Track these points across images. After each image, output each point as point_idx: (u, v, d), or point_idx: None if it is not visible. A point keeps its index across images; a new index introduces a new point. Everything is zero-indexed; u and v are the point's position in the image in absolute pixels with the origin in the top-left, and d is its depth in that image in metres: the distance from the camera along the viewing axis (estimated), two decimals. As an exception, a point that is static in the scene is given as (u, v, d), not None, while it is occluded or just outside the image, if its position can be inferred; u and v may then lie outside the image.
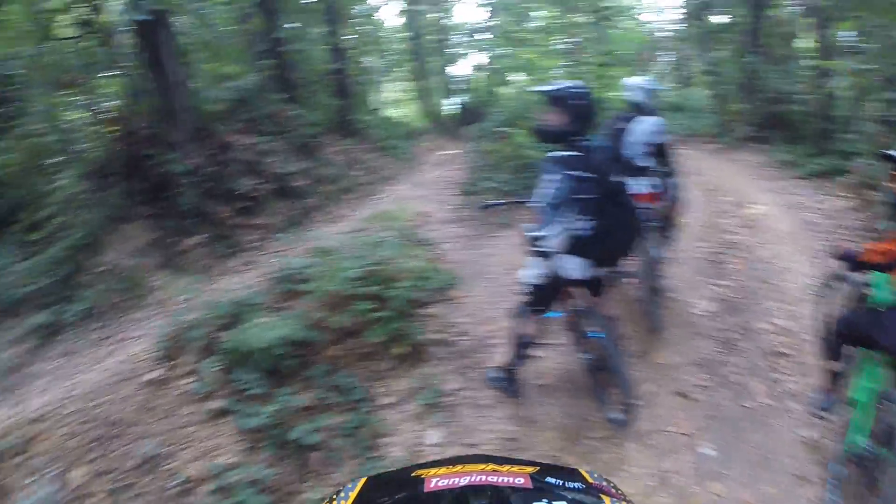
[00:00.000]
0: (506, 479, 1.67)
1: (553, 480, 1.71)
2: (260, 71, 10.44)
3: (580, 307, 4.03)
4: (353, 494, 1.77)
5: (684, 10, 17.14)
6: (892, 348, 2.98)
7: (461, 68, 21.86)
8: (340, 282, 4.86)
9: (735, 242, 7.01)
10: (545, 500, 1.52)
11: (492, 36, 19.81)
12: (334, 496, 1.83)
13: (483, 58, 20.11)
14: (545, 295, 3.88)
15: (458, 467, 1.83)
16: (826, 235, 6.88)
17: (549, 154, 3.53)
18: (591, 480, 1.77)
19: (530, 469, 1.76)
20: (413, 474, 1.81)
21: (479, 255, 6.78)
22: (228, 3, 11.09)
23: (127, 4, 7.20)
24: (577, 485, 1.69)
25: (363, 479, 1.87)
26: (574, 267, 3.60)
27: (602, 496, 1.64)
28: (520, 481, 1.65)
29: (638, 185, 4.72)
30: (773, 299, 5.60)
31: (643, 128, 4.84)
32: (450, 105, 21.40)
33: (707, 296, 5.69)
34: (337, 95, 13.33)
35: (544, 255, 3.55)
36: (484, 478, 1.69)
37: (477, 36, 20.51)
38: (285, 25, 11.74)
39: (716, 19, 15.20)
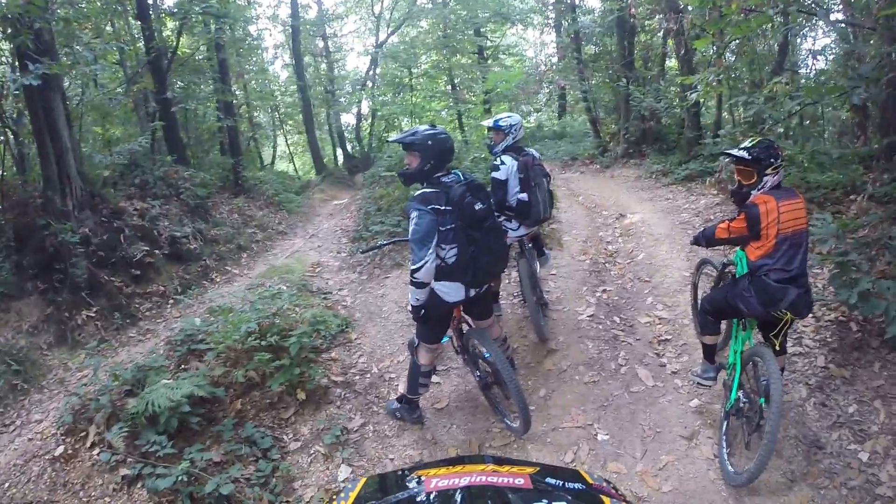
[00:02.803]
0: (506, 480, 1.73)
1: (553, 481, 1.77)
2: (150, 132, 10.34)
3: (467, 329, 4.31)
4: (353, 495, 1.83)
5: (561, 44, 18.27)
6: (752, 312, 3.59)
7: (350, 117, 22.22)
8: (239, 337, 4.93)
9: (615, 251, 7.52)
10: (545, 501, 1.57)
11: (377, 84, 20.29)
12: (334, 496, 1.93)
13: (371, 105, 20.52)
14: (434, 322, 4.06)
15: (458, 468, 1.90)
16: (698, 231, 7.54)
17: (414, 193, 3.78)
18: (591, 481, 1.84)
19: (530, 469, 1.83)
20: (413, 474, 1.88)
21: (372, 297, 6.96)
22: (118, 63, 10.94)
23: (17, 68, 6.95)
24: (576, 485, 1.75)
25: (363, 480, 1.95)
26: (448, 291, 3.83)
27: (602, 497, 1.70)
28: (519, 482, 1.70)
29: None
30: (652, 295, 6.10)
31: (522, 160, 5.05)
32: (340, 154, 21.68)
33: (591, 302, 6.08)
34: (228, 153, 13.35)
35: (421, 285, 3.74)
36: (484, 478, 1.74)
37: (364, 84, 20.97)
38: (176, 84, 11.76)
39: (590, 50, 16.29)
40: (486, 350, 4.05)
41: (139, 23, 10.84)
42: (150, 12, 10.99)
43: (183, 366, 5.04)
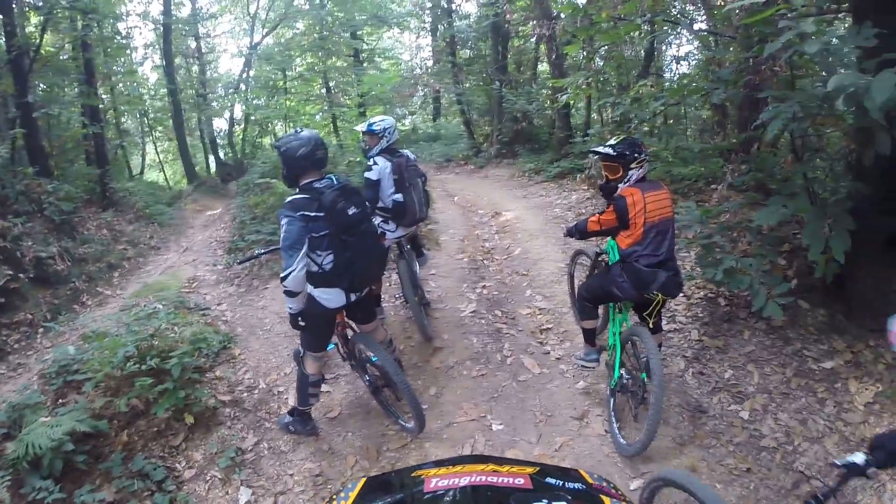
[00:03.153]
0: (506, 480, 1.71)
1: (553, 481, 1.77)
2: (10, 141, 9.39)
3: (352, 335, 4.38)
4: (353, 494, 1.79)
5: (437, 48, 18.58)
6: (626, 296, 3.91)
7: (223, 122, 21.46)
8: (116, 363, 4.68)
9: (492, 247, 7.88)
10: (545, 501, 1.57)
11: (251, 87, 19.73)
12: (334, 496, 1.85)
13: (244, 109, 19.93)
14: (318, 330, 4.09)
15: (458, 467, 1.87)
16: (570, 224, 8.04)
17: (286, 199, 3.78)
18: (591, 481, 1.84)
19: (530, 469, 1.83)
20: (413, 474, 1.85)
21: (252, 309, 6.84)
22: None
23: None
24: (576, 485, 1.75)
25: (363, 479, 1.90)
26: (329, 297, 3.87)
27: (602, 496, 1.71)
28: (520, 481, 1.70)
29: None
30: (531, 287, 6.47)
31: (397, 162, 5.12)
32: (213, 161, 20.90)
33: (472, 298, 6.37)
34: (94, 163, 12.47)
35: (291, 293, 3.75)
36: (484, 478, 1.72)
37: (237, 87, 20.33)
38: (39, 87, 10.76)
39: (465, 54, 16.71)
40: (372, 354, 4.11)
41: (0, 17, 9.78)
42: (13, 5, 9.92)
43: (60, 400, 4.71)
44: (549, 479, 1.78)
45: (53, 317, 7.18)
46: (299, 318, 3.89)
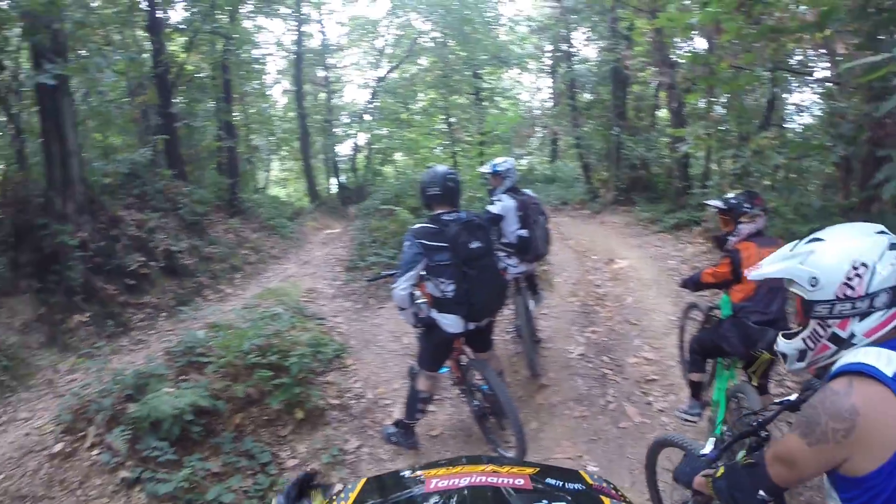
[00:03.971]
0: (506, 480, 1.70)
1: (553, 481, 1.74)
2: (151, 145, 10.39)
3: (466, 361, 4.48)
4: (353, 495, 1.80)
5: (556, 90, 18.79)
6: (734, 351, 3.79)
7: (346, 148, 22.37)
8: (240, 353, 5.05)
9: (604, 294, 7.77)
10: (545, 501, 1.56)
11: (375, 117, 20.57)
12: (334, 496, 1.86)
13: (367, 138, 20.81)
14: (435, 352, 4.25)
15: (459, 468, 1.86)
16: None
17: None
18: (591, 482, 1.83)
19: (530, 470, 1.81)
20: (413, 474, 1.86)
21: (367, 325, 7.10)
22: (121, 73, 10.89)
23: (32, 67, 7.08)
24: (576, 486, 1.74)
25: (363, 480, 1.92)
26: (449, 323, 4.02)
27: (602, 497, 1.70)
28: (520, 482, 1.69)
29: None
30: (640, 337, 6.33)
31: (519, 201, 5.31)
32: (334, 184, 21.75)
33: (581, 341, 6.31)
34: (226, 173, 13.43)
35: (399, 308, 4.05)
36: (484, 478, 1.71)
37: (362, 117, 21.21)
38: (178, 100, 11.82)
39: (584, 97, 16.81)
40: (486, 382, 4.19)
41: (147, 35, 10.97)
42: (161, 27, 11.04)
43: (182, 377, 5.05)
44: (549, 480, 1.75)
45: (177, 305, 7.79)
46: (418, 325, 4.12)
